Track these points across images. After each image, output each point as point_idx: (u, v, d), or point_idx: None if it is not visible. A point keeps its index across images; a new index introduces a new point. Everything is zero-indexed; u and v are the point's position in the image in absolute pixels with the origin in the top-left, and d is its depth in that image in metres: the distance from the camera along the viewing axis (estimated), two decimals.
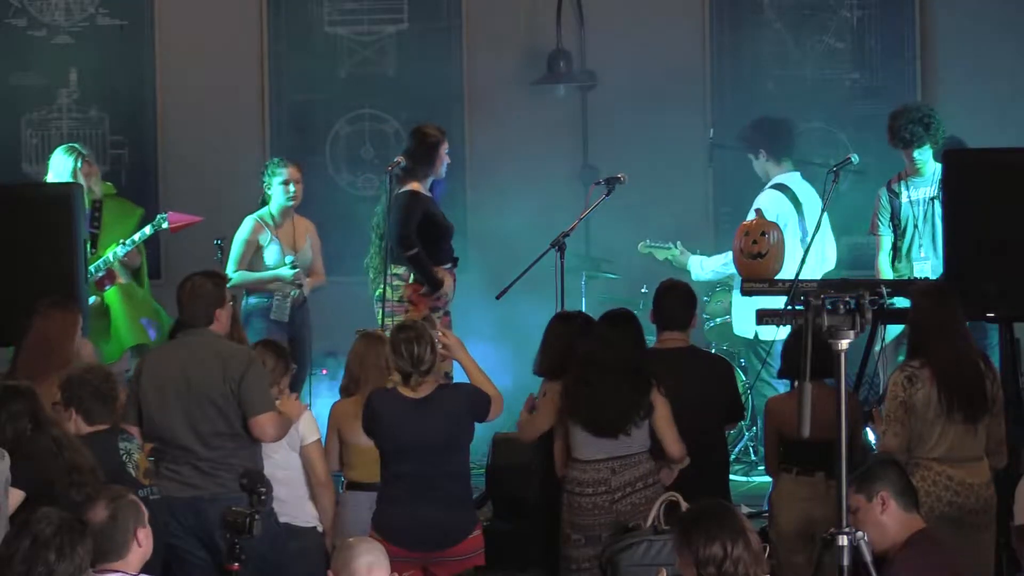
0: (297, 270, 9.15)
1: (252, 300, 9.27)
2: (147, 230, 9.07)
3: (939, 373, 6.50)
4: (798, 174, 9.33)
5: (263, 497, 5.90)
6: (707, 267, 9.38)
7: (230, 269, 9.12)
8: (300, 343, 9.19)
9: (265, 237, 9.23)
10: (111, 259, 9.00)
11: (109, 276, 9.05)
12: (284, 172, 9.22)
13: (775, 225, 8.56)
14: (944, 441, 6.51)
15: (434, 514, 6.45)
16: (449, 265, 8.88)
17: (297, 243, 9.28)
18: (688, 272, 9.24)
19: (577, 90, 10.76)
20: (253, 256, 9.25)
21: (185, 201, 10.00)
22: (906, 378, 6.55)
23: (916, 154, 8.54)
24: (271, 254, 9.25)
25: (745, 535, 4.80)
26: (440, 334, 6.81)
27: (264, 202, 9.30)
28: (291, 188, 9.19)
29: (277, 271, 9.19)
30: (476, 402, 6.60)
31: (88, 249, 8.56)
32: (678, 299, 7.39)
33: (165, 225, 9.09)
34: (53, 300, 7.46)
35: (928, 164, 8.59)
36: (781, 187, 9.23)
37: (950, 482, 6.48)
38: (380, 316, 8.76)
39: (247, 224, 9.26)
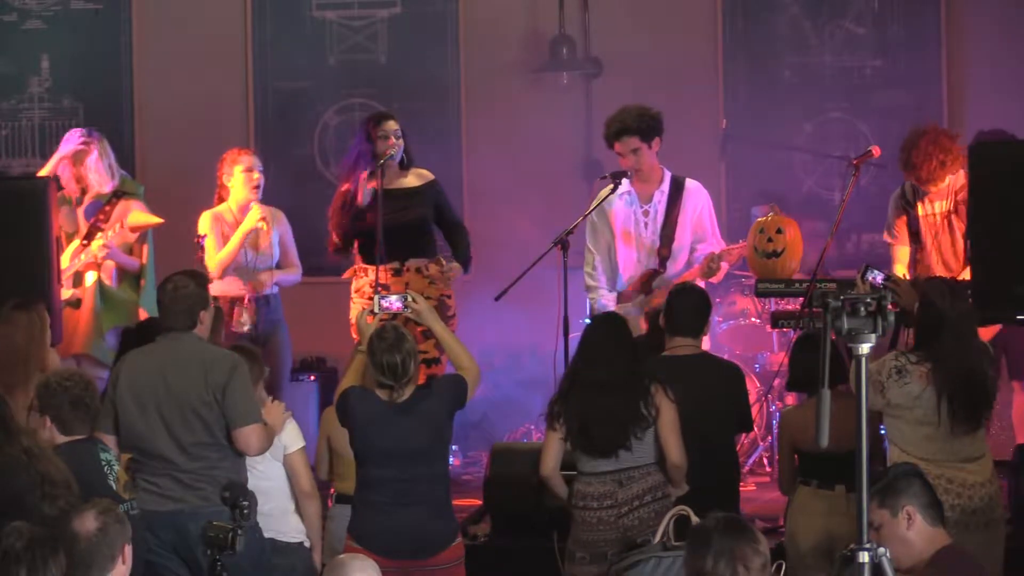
0: (253, 208, 8.96)
1: None
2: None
3: (943, 378, 6.49)
4: None
5: (246, 511, 5.91)
6: None
7: (212, 261, 9.05)
8: (272, 350, 9.07)
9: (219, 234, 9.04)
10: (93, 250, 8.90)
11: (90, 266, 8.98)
12: (246, 159, 9.05)
13: (792, 221, 8.56)
14: (933, 444, 6.53)
15: (415, 520, 6.50)
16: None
17: (260, 242, 9.07)
18: None
19: (581, 78, 10.78)
20: None
21: (164, 196, 9.99)
22: (895, 369, 6.55)
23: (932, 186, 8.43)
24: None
25: (759, 551, 4.83)
26: (409, 298, 6.89)
27: (221, 199, 9.11)
28: (255, 176, 9.01)
29: (242, 225, 8.96)
30: (455, 395, 6.66)
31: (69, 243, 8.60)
32: (691, 304, 7.39)
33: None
34: (15, 302, 7.43)
35: (945, 178, 8.48)
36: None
37: (950, 484, 6.48)
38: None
39: (203, 220, 9.06)
